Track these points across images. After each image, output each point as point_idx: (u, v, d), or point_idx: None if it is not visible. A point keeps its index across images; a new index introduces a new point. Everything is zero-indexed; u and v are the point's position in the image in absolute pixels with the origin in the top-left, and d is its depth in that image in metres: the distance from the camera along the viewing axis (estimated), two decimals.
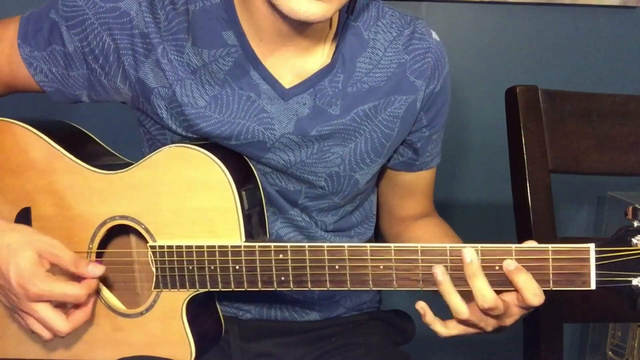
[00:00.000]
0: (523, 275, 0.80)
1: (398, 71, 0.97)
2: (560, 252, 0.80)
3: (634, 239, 0.78)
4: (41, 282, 0.86)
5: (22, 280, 0.86)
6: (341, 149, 0.98)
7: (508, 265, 0.80)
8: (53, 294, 0.87)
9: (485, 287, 0.80)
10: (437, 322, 0.83)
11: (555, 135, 1.11)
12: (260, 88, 0.95)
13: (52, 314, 0.87)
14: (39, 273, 0.86)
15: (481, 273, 0.80)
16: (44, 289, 0.86)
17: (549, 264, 0.80)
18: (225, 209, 0.90)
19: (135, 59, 0.94)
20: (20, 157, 0.98)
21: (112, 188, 0.95)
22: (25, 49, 0.97)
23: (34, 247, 0.88)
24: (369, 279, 0.84)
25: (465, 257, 0.80)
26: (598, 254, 0.79)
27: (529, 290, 0.79)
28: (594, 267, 0.79)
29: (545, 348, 1.11)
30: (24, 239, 0.88)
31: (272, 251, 0.86)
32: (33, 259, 0.87)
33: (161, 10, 0.94)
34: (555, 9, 1.70)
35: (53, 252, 0.88)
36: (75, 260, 0.89)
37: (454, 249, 0.82)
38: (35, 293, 0.86)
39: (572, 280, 0.80)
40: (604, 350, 1.81)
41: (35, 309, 0.87)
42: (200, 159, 0.91)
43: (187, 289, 0.91)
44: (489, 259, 0.81)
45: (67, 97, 1.00)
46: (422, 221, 1.11)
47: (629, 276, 0.78)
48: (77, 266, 0.89)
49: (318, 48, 0.96)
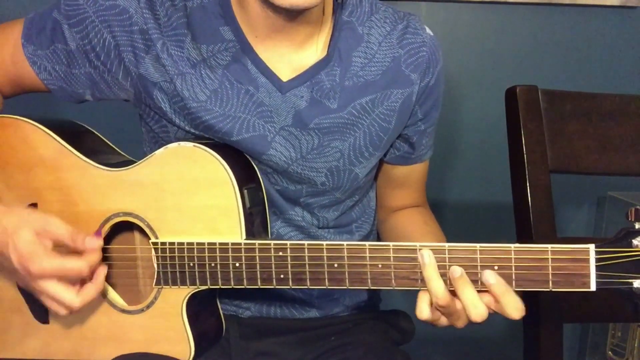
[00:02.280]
0: (468, 288, 0.80)
1: (393, 65, 0.99)
2: (559, 252, 0.79)
3: (635, 240, 0.77)
4: (41, 259, 0.86)
5: (22, 260, 0.86)
6: (340, 144, 0.99)
7: (454, 272, 0.80)
8: (54, 269, 0.87)
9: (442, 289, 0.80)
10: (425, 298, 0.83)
11: (555, 135, 1.11)
12: (259, 82, 0.96)
13: (60, 289, 0.88)
14: (37, 251, 0.86)
15: (438, 276, 0.81)
16: (44, 266, 0.86)
17: (549, 265, 0.79)
18: (227, 207, 0.90)
19: (135, 55, 0.95)
20: (29, 154, 0.99)
21: (117, 185, 0.95)
22: (28, 48, 0.99)
23: (30, 226, 0.88)
24: (367, 278, 0.85)
25: (422, 259, 0.81)
26: (598, 254, 0.78)
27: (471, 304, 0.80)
28: (594, 268, 0.78)
29: (545, 348, 1.11)
30: (20, 220, 0.88)
31: (272, 249, 0.87)
32: (30, 238, 0.87)
33: (160, 7, 0.96)
34: (555, 9, 1.70)
35: (49, 228, 0.89)
36: (71, 234, 0.89)
37: (452, 248, 0.82)
38: (36, 271, 0.86)
39: (572, 281, 0.79)
40: (604, 350, 1.81)
41: (43, 286, 0.88)
42: (204, 157, 0.91)
43: (187, 286, 0.92)
44: (488, 257, 0.81)
45: (71, 95, 1.02)
46: (407, 210, 1.13)
47: (629, 278, 0.77)
48: (75, 240, 0.89)
49: (313, 42, 0.97)
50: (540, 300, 1.10)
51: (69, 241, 0.89)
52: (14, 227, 0.87)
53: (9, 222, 0.88)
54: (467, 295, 0.80)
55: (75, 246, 0.90)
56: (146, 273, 0.98)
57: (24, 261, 0.86)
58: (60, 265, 0.87)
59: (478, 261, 0.81)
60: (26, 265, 0.86)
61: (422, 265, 0.81)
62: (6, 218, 0.88)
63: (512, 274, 0.81)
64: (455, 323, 0.84)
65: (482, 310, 0.80)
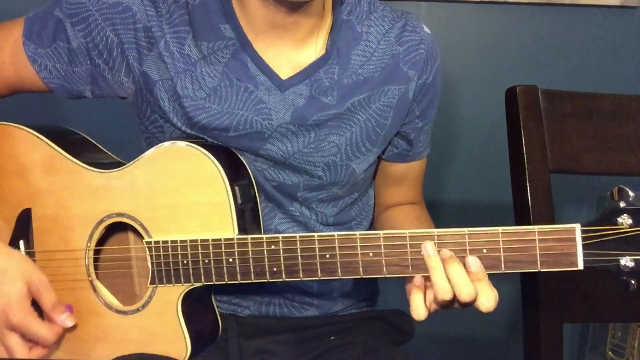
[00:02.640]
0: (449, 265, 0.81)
1: (392, 62, 1.00)
2: (546, 233, 0.80)
3: (619, 218, 0.78)
4: (24, 315, 0.91)
5: (7, 308, 0.90)
6: (337, 138, 1.00)
7: (444, 253, 0.81)
8: (29, 329, 0.91)
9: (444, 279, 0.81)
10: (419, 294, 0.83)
11: (555, 135, 1.11)
12: (258, 79, 0.97)
13: (19, 346, 0.92)
14: (25, 306, 0.91)
15: (441, 266, 0.81)
16: (22, 322, 0.91)
17: (536, 245, 0.80)
18: (219, 203, 0.91)
19: (139, 53, 0.96)
20: (22, 159, 1.00)
21: (109, 186, 0.96)
22: (29, 46, 0.99)
23: (27, 280, 0.92)
24: (359, 267, 0.85)
25: (426, 250, 0.82)
26: (584, 233, 0.79)
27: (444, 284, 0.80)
28: (581, 246, 0.79)
29: (545, 348, 1.11)
30: (20, 269, 0.92)
31: (264, 242, 0.88)
32: (23, 292, 0.91)
33: (163, 4, 0.97)
34: (555, 9, 1.70)
35: (40, 289, 0.93)
36: (54, 305, 0.94)
37: (441, 234, 0.83)
38: (13, 323, 0.90)
39: (560, 260, 0.80)
40: (604, 350, 1.81)
41: (7, 336, 0.92)
42: (194, 154, 0.92)
43: (182, 284, 0.92)
44: (477, 242, 0.82)
45: (70, 92, 1.02)
46: (402, 206, 1.14)
47: (616, 255, 0.78)
48: (54, 311, 0.94)
49: (312, 39, 0.98)
50: (540, 300, 1.10)
51: (48, 309, 0.93)
52: (13, 274, 0.91)
53: (10, 267, 0.92)
54: (456, 274, 0.80)
55: (51, 316, 0.94)
56: (141, 273, 0.99)
57: (8, 309, 0.90)
58: (36, 330, 0.91)
59: (467, 245, 0.82)
60: (8, 312, 0.90)
61: (426, 256, 0.82)
62: (8, 261, 0.92)
63: (500, 257, 0.82)
64: (443, 309, 0.84)
65: (471, 290, 0.80)
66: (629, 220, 0.77)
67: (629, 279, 0.79)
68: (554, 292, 1.10)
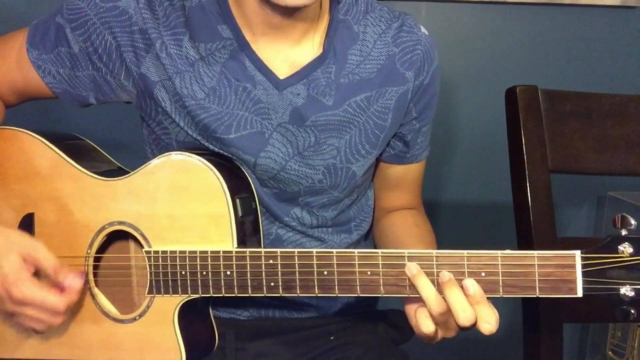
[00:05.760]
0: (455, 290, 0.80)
1: (388, 63, 1.00)
2: (546, 258, 0.79)
3: (620, 246, 0.77)
4: (25, 287, 0.88)
5: (5, 284, 0.88)
6: (337, 141, 1.00)
7: (443, 276, 0.80)
8: (34, 299, 0.88)
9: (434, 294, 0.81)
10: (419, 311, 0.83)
11: (555, 135, 1.11)
12: (256, 79, 0.97)
13: (32, 321, 0.90)
14: (23, 278, 0.88)
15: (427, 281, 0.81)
16: (26, 293, 0.88)
17: (535, 271, 0.79)
18: (219, 215, 0.91)
19: (136, 55, 0.97)
20: (27, 164, 1.00)
21: (112, 194, 0.96)
22: (33, 52, 1.00)
23: (19, 251, 0.89)
24: (356, 285, 0.85)
25: (410, 272, 0.82)
26: (584, 260, 0.78)
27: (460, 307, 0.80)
28: (580, 274, 0.78)
29: (545, 348, 1.11)
30: (8, 242, 0.90)
31: (263, 257, 0.88)
32: (18, 264, 0.88)
33: (159, 7, 0.97)
34: (555, 9, 1.70)
35: (35, 256, 0.90)
36: (55, 267, 0.91)
37: (440, 255, 0.82)
38: (17, 297, 0.88)
39: (559, 287, 0.79)
40: (604, 350, 1.81)
41: (19, 314, 0.90)
42: (196, 166, 0.92)
43: (179, 294, 0.92)
44: (475, 264, 0.81)
45: (75, 98, 1.03)
46: (400, 212, 1.13)
47: (616, 284, 0.77)
48: (57, 274, 0.91)
49: (309, 38, 0.99)
50: (540, 300, 1.10)
51: (51, 273, 0.91)
52: (2, 249, 0.89)
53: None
54: (455, 298, 0.80)
55: (56, 280, 0.91)
56: (140, 282, 0.98)
57: (7, 285, 0.88)
58: (41, 297, 0.88)
59: (465, 267, 0.81)
60: (9, 288, 0.88)
61: (412, 277, 0.82)
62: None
63: (499, 280, 0.81)
64: (446, 334, 0.85)
65: (470, 314, 0.80)
66: (630, 249, 0.77)
67: (628, 308, 0.78)
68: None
